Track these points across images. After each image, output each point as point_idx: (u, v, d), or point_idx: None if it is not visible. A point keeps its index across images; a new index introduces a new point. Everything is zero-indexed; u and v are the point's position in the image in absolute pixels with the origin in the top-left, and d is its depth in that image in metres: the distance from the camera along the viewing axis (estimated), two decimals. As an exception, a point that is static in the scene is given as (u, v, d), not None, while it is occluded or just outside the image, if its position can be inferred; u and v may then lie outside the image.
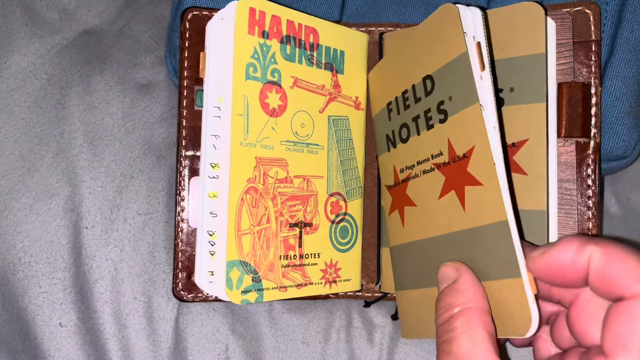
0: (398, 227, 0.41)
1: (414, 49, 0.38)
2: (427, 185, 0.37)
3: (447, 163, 0.35)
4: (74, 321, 0.45)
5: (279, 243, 0.40)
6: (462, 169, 0.34)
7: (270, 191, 0.40)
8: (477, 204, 0.33)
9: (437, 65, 0.36)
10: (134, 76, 0.49)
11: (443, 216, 0.36)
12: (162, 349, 0.45)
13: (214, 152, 0.39)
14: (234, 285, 0.38)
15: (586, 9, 0.40)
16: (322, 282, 0.42)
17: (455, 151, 0.35)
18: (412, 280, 0.39)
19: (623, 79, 0.42)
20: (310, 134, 0.42)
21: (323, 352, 0.45)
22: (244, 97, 0.39)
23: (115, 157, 0.47)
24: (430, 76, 0.37)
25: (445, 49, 0.35)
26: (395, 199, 0.41)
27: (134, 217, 0.46)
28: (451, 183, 0.35)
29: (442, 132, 0.36)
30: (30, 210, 0.46)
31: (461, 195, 0.34)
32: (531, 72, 0.37)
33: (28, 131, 0.47)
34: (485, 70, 0.34)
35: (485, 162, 0.32)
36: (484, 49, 0.34)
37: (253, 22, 0.39)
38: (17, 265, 0.45)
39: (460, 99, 0.34)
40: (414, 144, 0.39)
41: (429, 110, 0.37)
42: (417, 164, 0.38)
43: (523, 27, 0.38)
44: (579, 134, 0.39)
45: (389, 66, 0.42)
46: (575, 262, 0.28)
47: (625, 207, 0.47)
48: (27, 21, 0.49)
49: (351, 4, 0.46)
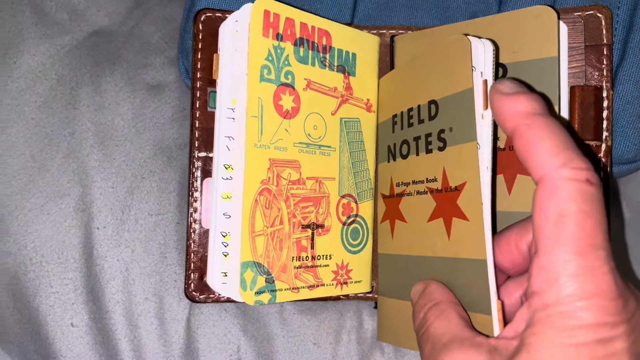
0: (387, 236, 0.42)
1: (423, 70, 0.39)
2: (419, 205, 0.38)
3: (440, 190, 0.36)
4: (85, 321, 0.45)
5: (291, 244, 0.40)
6: (452, 200, 0.35)
7: (284, 192, 0.40)
8: (461, 236, 0.34)
9: (443, 93, 0.36)
10: (144, 77, 0.49)
11: (429, 239, 0.37)
12: (173, 350, 0.45)
13: (228, 154, 0.39)
14: (248, 286, 0.38)
15: (598, 13, 0.40)
16: (333, 284, 0.43)
17: (448, 181, 0.36)
18: (394, 290, 0.40)
19: (635, 82, 0.42)
20: (322, 135, 0.42)
21: (334, 353, 0.45)
22: (259, 99, 0.39)
23: (126, 157, 0.47)
24: (435, 102, 0.37)
25: (452, 80, 0.35)
26: (388, 209, 0.42)
27: (145, 218, 0.46)
28: (441, 210, 0.36)
29: (439, 160, 0.36)
30: (41, 210, 0.46)
31: (448, 224, 0.35)
32: (543, 76, 0.38)
33: (38, 131, 0.47)
34: (487, 109, 0.34)
35: (473, 200, 0.33)
36: (490, 87, 0.34)
37: (267, 24, 0.39)
38: (29, 266, 0.45)
39: (459, 133, 0.35)
40: (412, 162, 0.39)
41: (430, 134, 0.38)
42: (412, 182, 0.39)
43: (535, 30, 0.38)
44: (591, 137, 0.39)
45: (400, 77, 0.42)
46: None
47: (636, 210, 0.47)
48: (36, 21, 0.49)
49: (362, 7, 0.46)
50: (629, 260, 0.46)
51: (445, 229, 0.36)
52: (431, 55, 0.38)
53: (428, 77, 0.38)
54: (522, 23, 0.38)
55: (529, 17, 0.38)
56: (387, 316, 0.42)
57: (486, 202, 0.33)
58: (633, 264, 0.46)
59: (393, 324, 0.41)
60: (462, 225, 0.34)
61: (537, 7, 0.38)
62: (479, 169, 0.33)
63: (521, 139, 0.27)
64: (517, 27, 0.38)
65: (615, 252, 0.45)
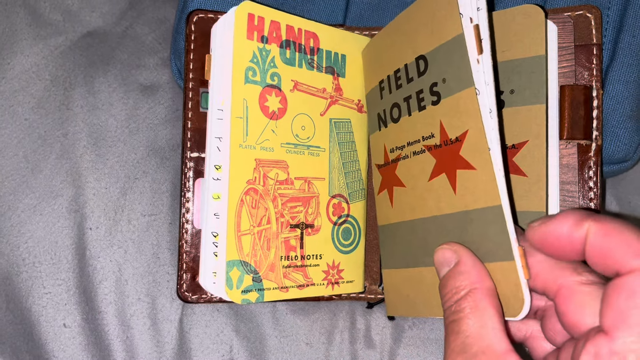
0: (386, 206, 0.41)
1: (408, 27, 0.38)
2: (417, 166, 0.37)
3: (439, 146, 0.35)
4: (78, 322, 0.45)
5: (279, 244, 0.41)
6: (454, 152, 0.34)
7: (271, 192, 0.40)
8: (469, 187, 0.33)
9: (431, 45, 0.35)
10: (138, 77, 0.49)
11: (433, 198, 0.36)
12: (166, 350, 0.45)
13: (218, 154, 0.39)
14: (234, 284, 0.38)
15: (587, 13, 0.40)
16: (324, 284, 0.43)
17: (447, 134, 0.35)
18: (399, 259, 0.39)
19: (625, 82, 0.42)
20: (311, 136, 0.42)
21: (326, 353, 0.46)
22: (244, 101, 0.39)
23: (119, 158, 0.47)
24: (423, 56, 0.36)
25: (440, 31, 0.34)
26: (384, 178, 0.41)
27: (138, 219, 0.46)
28: (442, 166, 0.35)
29: (434, 114, 0.35)
30: (34, 211, 0.46)
31: (452, 178, 0.34)
32: (531, 74, 0.38)
33: (32, 132, 0.47)
34: (483, 53, 0.33)
35: (479, 147, 0.32)
36: (483, 31, 0.33)
37: (252, 27, 0.39)
38: (21, 266, 0.45)
39: (454, 82, 0.34)
40: (404, 124, 0.38)
41: (421, 91, 0.37)
42: (407, 144, 0.38)
43: (524, 29, 0.38)
44: (581, 136, 0.39)
45: (382, 43, 0.41)
46: (572, 235, 0.28)
47: (627, 210, 0.47)
48: (30, 22, 0.49)
49: (354, 8, 0.46)
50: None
51: (449, 183, 0.34)
52: (413, 12, 0.37)
53: (413, 33, 0.37)
54: (510, 22, 0.38)
55: (517, 16, 0.38)
56: (394, 288, 0.40)
57: (494, 145, 0.32)
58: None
59: (402, 294, 0.39)
60: (468, 175, 0.33)
61: (525, 6, 0.38)
62: (480, 113, 0.32)
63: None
64: (506, 26, 0.38)
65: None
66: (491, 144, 0.32)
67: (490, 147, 0.32)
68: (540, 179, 0.37)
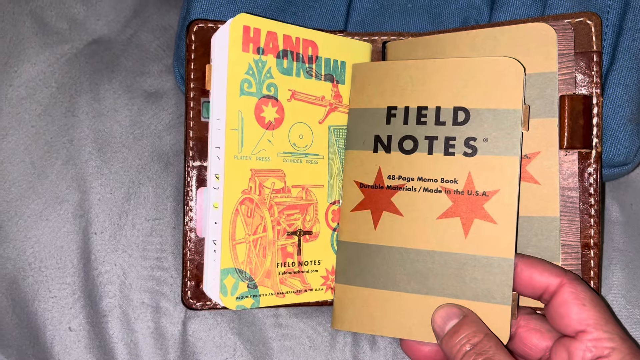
0: (367, 227, 0.42)
1: (454, 74, 0.40)
2: (425, 202, 0.40)
3: (460, 192, 0.39)
4: (83, 325, 0.46)
5: (276, 251, 0.41)
6: (477, 203, 0.38)
7: (267, 201, 0.41)
8: (483, 236, 0.38)
9: (481, 104, 0.39)
10: (142, 84, 0.50)
11: (437, 235, 0.39)
12: (169, 353, 0.45)
13: (218, 164, 0.40)
14: (229, 291, 0.39)
15: (587, 20, 0.40)
16: (322, 289, 0.43)
17: (474, 186, 0.38)
18: (373, 279, 0.41)
19: (624, 86, 0.42)
20: (309, 144, 0.43)
21: (329, 356, 0.46)
22: (239, 112, 0.39)
23: (124, 164, 0.48)
24: (465, 109, 0.39)
25: (498, 96, 0.38)
26: (369, 199, 0.42)
27: (142, 223, 0.47)
28: (458, 210, 0.39)
29: (464, 164, 0.39)
30: (40, 216, 0.47)
31: (467, 224, 0.38)
32: (545, 89, 0.39)
33: (38, 138, 0.48)
34: (528, 130, 0.39)
35: (506, 206, 0.38)
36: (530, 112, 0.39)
37: (247, 39, 0.40)
38: (27, 270, 0.46)
39: (499, 146, 0.38)
40: (420, 160, 0.40)
41: (453, 138, 0.39)
42: (418, 179, 0.40)
43: (536, 46, 0.39)
44: (581, 146, 0.39)
45: (406, 73, 0.41)
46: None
47: (628, 214, 0.47)
48: (37, 31, 0.50)
49: (356, 14, 0.46)
50: (622, 264, 0.46)
51: (462, 227, 0.38)
52: (470, 65, 0.39)
53: (459, 82, 0.39)
54: (521, 39, 0.39)
55: (530, 33, 0.39)
56: (348, 304, 0.42)
57: (516, 207, 0.38)
58: (627, 268, 0.46)
59: (355, 311, 0.41)
60: (486, 226, 0.38)
61: (536, 25, 0.39)
62: (516, 179, 0.37)
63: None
64: (517, 42, 0.39)
65: (609, 256, 0.45)
66: (515, 206, 0.37)
67: (514, 208, 0.37)
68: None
